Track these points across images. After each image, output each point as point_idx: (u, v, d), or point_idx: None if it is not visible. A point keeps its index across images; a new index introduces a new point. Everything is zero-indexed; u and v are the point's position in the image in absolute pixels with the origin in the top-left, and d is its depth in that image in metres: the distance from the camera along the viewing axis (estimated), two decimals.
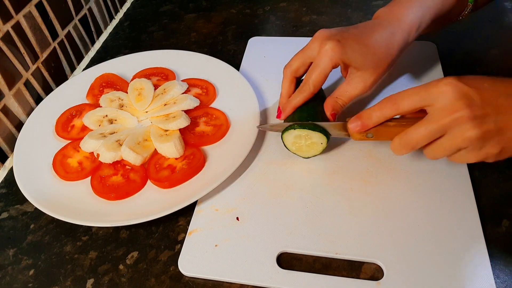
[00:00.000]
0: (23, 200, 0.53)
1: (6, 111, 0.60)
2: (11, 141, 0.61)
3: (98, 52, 0.80)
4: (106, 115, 0.59)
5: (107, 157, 0.53)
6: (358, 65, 0.50)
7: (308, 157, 0.53)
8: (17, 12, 0.61)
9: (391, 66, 0.52)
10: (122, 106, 0.61)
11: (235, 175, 0.53)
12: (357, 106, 0.60)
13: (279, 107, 0.54)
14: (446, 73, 0.63)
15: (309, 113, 0.52)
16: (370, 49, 0.49)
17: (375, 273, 0.44)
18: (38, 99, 0.66)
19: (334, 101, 0.52)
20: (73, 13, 0.74)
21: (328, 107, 0.52)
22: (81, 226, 0.51)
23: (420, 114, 0.42)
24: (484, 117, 0.39)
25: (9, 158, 0.61)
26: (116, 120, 0.59)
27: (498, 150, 0.41)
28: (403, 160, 0.53)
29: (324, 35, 0.50)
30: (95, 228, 0.51)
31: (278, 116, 0.54)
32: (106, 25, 0.84)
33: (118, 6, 0.87)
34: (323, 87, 0.55)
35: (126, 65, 0.69)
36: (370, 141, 0.53)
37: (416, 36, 0.52)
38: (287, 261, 0.46)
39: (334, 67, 0.50)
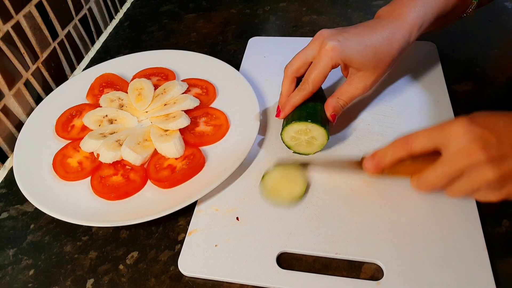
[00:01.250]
0: (23, 200, 0.53)
1: (6, 111, 0.60)
2: (11, 141, 0.61)
3: (98, 52, 0.80)
4: (106, 115, 0.59)
5: (107, 157, 0.53)
6: (358, 65, 0.50)
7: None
8: (17, 12, 0.61)
9: (392, 66, 0.52)
10: (122, 106, 0.61)
11: (235, 175, 0.53)
12: (358, 106, 0.60)
13: (278, 106, 0.54)
14: (446, 73, 0.63)
15: (308, 112, 0.52)
16: (371, 49, 0.49)
17: (375, 273, 0.44)
18: (38, 99, 0.66)
19: (335, 101, 0.52)
20: (73, 13, 0.74)
21: (329, 108, 0.52)
22: (81, 226, 0.51)
23: (435, 153, 0.42)
24: (501, 158, 0.39)
25: (9, 158, 0.61)
26: (116, 120, 0.59)
27: None
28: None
29: (324, 35, 0.50)
30: (95, 228, 0.51)
31: (278, 115, 0.54)
32: (106, 25, 0.84)
33: (118, 6, 0.87)
34: (323, 86, 0.55)
35: (126, 65, 0.69)
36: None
37: (417, 36, 0.52)
38: (287, 261, 0.46)
39: (334, 66, 0.50)
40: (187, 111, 0.59)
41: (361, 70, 0.50)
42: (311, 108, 0.52)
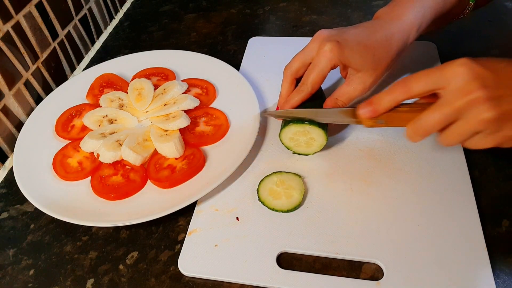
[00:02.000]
0: (23, 200, 0.53)
1: (6, 111, 0.60)
2: (11, 141, 0.61)
3: (98, 52, 0.80)
4: (106, 115, 0.59)
5: (107, 157, 0.53)
6: (357, 66, 0.50)
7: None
8: (17, 12, 0.61)
9: (390, 67, 0.52)
10: (122, 106, 0.61)
11: (235, 175, 0.53)
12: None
13: (277, 107, 0.54)
14: None
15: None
16: (370, 50, 0.49)
17: (375, 273, 0.44)
18: (38, 99, 0.66)
19: (334, 102, 0.52)
20: (73, 13, 0.74)
21: (325, 108, 0.52)
22: (81, 226, 0.51)
23: (433, 98, 0.41)
24: (500, 98, 0.38)
25: (9, 158, 0.61)
26: (116, 120, 0.59)
27: None
28: (403, 160, 0.53)
29: (323, 35, 0.50)
30: (95, 228, 0.51)
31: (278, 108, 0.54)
32: (106, 25, 0.84)
33: (118, 6, 0.87)
34: (323, 87, 0.55)
35: (126, 65, 0.69)
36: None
37: (416, 36, 0.52)
38: (287, 261, 0.46)
39: (333, 67, 0.50)
40: (187, 111, 0.59)
41: (360, 71, 0.50)
42: (309, 108, 0.52)
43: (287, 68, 0.53)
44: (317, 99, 0.53)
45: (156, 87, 0.63)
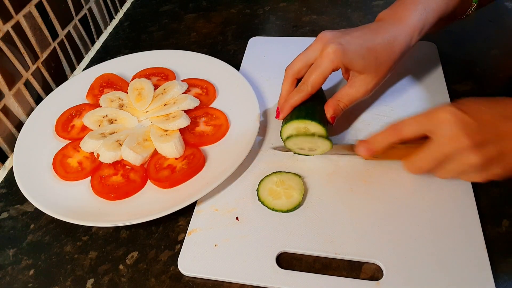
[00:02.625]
0: (23, 200, 0.53)
1: (6, 111, 0.60)
2: (11, 141, 0.61)
3: (98, 52, 0.80)
4: (106, 115, 0.59)
5: (107, 157, 0.53)
6: (360, 69, 0.50)
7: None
8: (17, 12, 0.61)
9: (393, 69, 0.52)
10: (122, 106, 0.61)
11: (235, 175, 0.53)
12: (358, 106, 0.60)
13: (278, 107, 0.54)
14: (446, 73, 0.63)
15: (307, 112, 0.52)
16: (372, 53, 0.49)
17: (375, 273, 0.44)
18: (38, 99, 0.66)
19: (336, 103, 0.52)
20: (73, 13, 0.74)
21: (329, 110, 0.52)
22: (81, 226, 0.51)
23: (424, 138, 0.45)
24: (484, 144, 0.41)
25: (9, 158, 0.61)
26: (116, 120, 0.59)
27: (503, 171, 0.42)
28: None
29: (327, 37, 0.50)
30: (95, 228, 0.51)
31: (277, 116, 0.54)
32: (106, 25, 0.84)
33: (118, 6, 0.87)
34: (324, 87, 0.55)
35: (126, 65, 0.69)
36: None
37: (418, 39, 0.53)
38: (287, 261, 0.46)
39: (335, 69, 0.50)
40: (187, 111, 0.59)
41: (362, 73, 0.51)
42: (310, 108, 0.52)
43: (288, 68, 0.53)
44: (317, 98, 0.53)
45: (156, 87, 0.63)
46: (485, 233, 0.45)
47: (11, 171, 0.60)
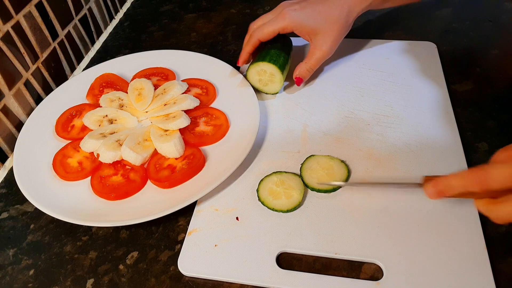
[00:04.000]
0: (23, 200, 0.53)
1: (6, 111, 0.60)
2: (11, 141, 0.61)
3: (98, 52, 0.80)
4: (106, 115, 0.59)
5: (107, 157, 0.53)
6: (312, 29, 0.59)
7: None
8: (17, 12, 0.61)
9: (347, 28, 0.60)
10: (122, 106, 0.61)
11: (235, 175, 0.53)
12: (358, 105, 0.60)
13: (238, 61, 0.64)
14: (446, 73, 0.63)
15: (260, 55, 0.61)
16: (323, 14, 0.58)
17: (375, 273, 0.44)
18: (38, 99, 0.66)
19: (302, 64, 0.60)
20: (73, 13, 0.74)
21: (295, 71, 0.61)
22: (81, 226, 0.51)
23: None
24: None
25: (9, 158, 0.61)
26: (116, 120, 0.59)
27: None
28: (403, 161, 0.53)
29: (285, 4, 0.60)
30: (95, 228, 0.51)
31: (238, 63, 0.63)
32: (106, 25, 0.84)
33: (118, 6, 0.87)
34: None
35: (126, 65, 0.69)
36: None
37: (369, 3, 0.60)
38: (287, 261, 0.46)
39: (285, 28, 0.59)
40: (187, 111, 0.59)
41: (318, 34, 0.59)
42: (264, 52, 0.61)
43: (251, 24, 0.63)
44: (278, 41, 0.62)
45: (156, 87, 0.63)
46: (485, 233, 0.45)
47: (11, 171, 0.60)
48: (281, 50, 0.62)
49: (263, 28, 0.60)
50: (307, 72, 0.61)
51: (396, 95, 0.61)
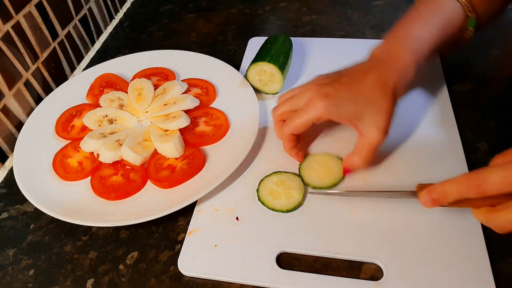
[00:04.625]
0: (23, 200, 0.53)
1: (6, 111, 0.60)
2: (11, 141, 0.61)
3: (98, 52, 0.80)
4: (106, 115, 0.59)
5: (107, 157, 0.53)
6: (355, 114, 0.47)
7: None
8: (17, 12, 0.61)
9: (395, 104, 0.49)
10: (122, 106, 0.61)
11: (235, 175, 0.53)
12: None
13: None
14: (446, 73, 0.63)
15: (259, 55, 0.62)
16: (365, 95, 0.47)
17: (375, 273, 0.44)
18: (38, 99, 0.66)
19: (352, 158, 0.49)
20: (73, 13, 0.74)
21: (344, 163, 0.50)
22: (81, 226, 0.51)
23: None
24: None
25: (9, 158, 0.61)
26: (116, 120, 0.59)
27: None
28: (403, 161, 0.53)
29: (316, 84, 0.49)
30: (95, 228, 0.51)
31: (299, 160, 0.53)
32: (106, 25, 0.84)
33: (118, 6, 0.87)
34: None
35: (126, 65, 0.69)
36: None
37: (415, 72, 0.50)
38: (287, 261, 0.46)
39: (319, 119, 0.48)
40: (187, 111, 0.59)
41: (363, 118, 0.47)
42: (263, 52, 0.61)
43: (274, 111, 0.53)
44: (278, 41, 0.64)
45: (156, 87, 0.63)
46: (485, 233, 0.45)
47: (11, 171, 0.60)
48: (281, 50, 0.62)
49: (293, 121, 0.49)
50: (361, 166, 0.49)
51: None
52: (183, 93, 0.62)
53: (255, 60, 0.61)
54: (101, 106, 0.62)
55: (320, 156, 0.53)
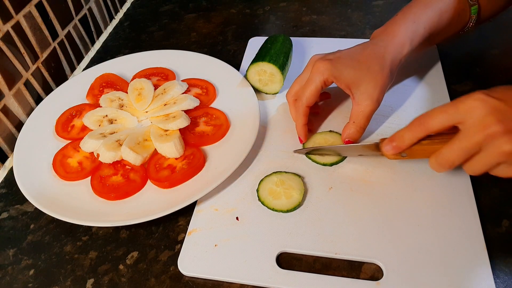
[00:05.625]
0: (23, 200, 0.53)
1: (6, 111, 0.60)
2: (11, 141, 0.61)
3: (98, 52, 0.80)
4: (106, 115, 0.59)
5: (107, 157, 0.53)
6: (354, 80, 0.51)
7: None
8: (17, 12, 0.61)
9: (391, 77, 0.53)
10: (122, 106, 0.61)
11: (235, 175, 0.53)
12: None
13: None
14: (446, 73, 0.63)
15: (259, 55, 0.62)
16: (363, 64, 0.51)
17: (375, 273, 0.44)
18: (38, 99, 0.66)
19: (350, 126, 0.53)
20: (73, 13, 0.74)
21: (343, 134, 0.54)
22: (81, 226, 0.51)
23: (453, 129, 0.42)
24: None
25: (9, 158, 0.61)
26: (116, 120, 0.59)
27: None
28: (403, 161, 0.53)
29: (316, 57, 0.54)
30: (95, 228, 0.51)
31: (300, 141, 0.56)
32: (106, 25, 0.84)
33: (118, 6, 0.87)
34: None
35: (126, 65, 0.69)
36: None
37: (410, 50, 0.54)
38: (287, 261, 0.46)
39: (326, 83, 0.52)
40: (187, 111, 0.59)
41: (360, 84, 0.51)
42: (262, 52, 0.61)
43: (287, 93, 0.57)
44: (278, 41, 0.63)
45: (156, 87, 0.63)
46: (485, 233, 0.45)
47: (11, 171, 0.60)
48: (281, 50, 0.62)
49: (304, 92, 0.53)
50: (358, 133, 0.53)
51: (396, 95, 0.61)
52: (183, 93, 0.62)
53: (255, 60, 0.61)
54: (101, 106, 0.62)
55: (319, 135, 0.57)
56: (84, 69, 0.76)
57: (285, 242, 0.46)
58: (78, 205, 0.51)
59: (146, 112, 0.61)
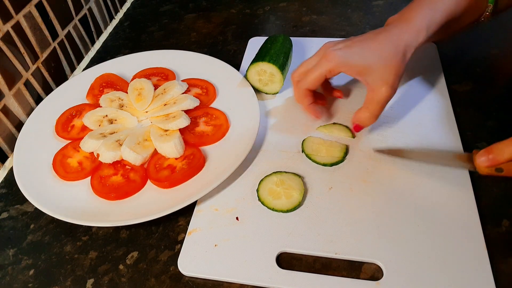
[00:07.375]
0: (23, 200, 0.53)
1: (6, 111, 0.60)
2: (11, 141, 0.61)
3: (98, 52, 0.80)
4: (106, 115, 0.59)
5: (107, 157, 0.53)
6: (365, 66, 0.50)
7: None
8: (17, 12, 0.61)
9: (404, 64, 0.51)
10: (122, 106, 0.61)
11: (235, 175, 0.53)
12: (358, 106, 0.59)
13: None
14: (446, 73, 0.63)
15: (259, 55, 0.61)
16: (376, 50, 0.50)
17: (375, 273, 0.44)
18: (38, 99, 0.66)
19: (361, 111, 0.52)
20: (73, 13, 0.74)
21: (353, 117, 0.53)
22: (81, 226, 0.51)
23: None
24: None
25: (9, 158, 0.61)
26: (116, 120, 0.59)
27: None
28: (403, 160, 0.53)
29: (328, 45, 0.52)
30: (95, 228, 0.51)
31: (317, 117, 0.57)
32: (106, 25, 0.84)
33: (118, 6, 0.87)
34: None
35: (126, 65, 0.69)
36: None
37: (426, 37, 0.52)
38: (287, 261, 0.46)
39: (331, 71, 0.51)
40: (187, 111, 0.59)
41: (372, 72, 0.50)
42: (262, 51, 0.62)
43: (293, 73, 0.55)
44: (278, 41, 0.64)
45: (156, 87, 0.63)
46: (485, 233, 0.45)
47: (11, 171, 0.60)
48: (281, 50, 0.62)
49: (307, 76, 0.52)
50: (369, 120, 0.52)
51: (396, 94, 0.60)
52: (183, 93, 0.62)
53: (255, 60, 0.61)
54: (101, 106, 0.62)
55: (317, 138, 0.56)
56: (84, 69, 0.76)
57: (285, 242, 0.46)
58: (78, 205, 0.51)
59: (146, 112, 0.61)
